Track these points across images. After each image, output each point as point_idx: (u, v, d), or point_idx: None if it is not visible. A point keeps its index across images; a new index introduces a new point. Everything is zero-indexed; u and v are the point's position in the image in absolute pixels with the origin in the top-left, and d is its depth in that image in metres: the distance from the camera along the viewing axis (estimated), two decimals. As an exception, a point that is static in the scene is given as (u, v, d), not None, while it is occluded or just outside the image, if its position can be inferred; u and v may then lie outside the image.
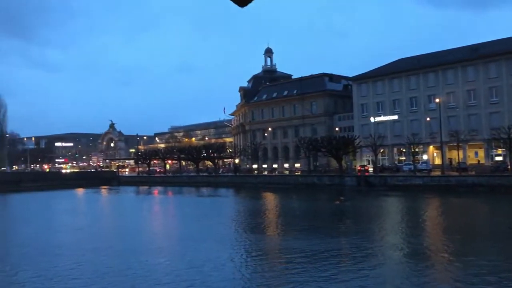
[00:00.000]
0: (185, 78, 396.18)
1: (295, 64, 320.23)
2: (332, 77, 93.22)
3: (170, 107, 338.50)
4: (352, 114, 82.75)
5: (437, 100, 65.16)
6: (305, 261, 20.42)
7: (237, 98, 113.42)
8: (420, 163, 66.36)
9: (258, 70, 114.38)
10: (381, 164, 73.13)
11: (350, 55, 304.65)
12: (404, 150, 73.30)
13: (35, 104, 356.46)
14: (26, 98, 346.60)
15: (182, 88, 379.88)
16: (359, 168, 71.77)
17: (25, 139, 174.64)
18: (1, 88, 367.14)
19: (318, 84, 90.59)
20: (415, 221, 34.03)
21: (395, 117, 76.04)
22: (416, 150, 66.58)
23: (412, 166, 64.27)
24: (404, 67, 76.12)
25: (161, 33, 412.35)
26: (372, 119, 77.87)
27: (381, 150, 73.01)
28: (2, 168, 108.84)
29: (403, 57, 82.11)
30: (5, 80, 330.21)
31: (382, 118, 77.24)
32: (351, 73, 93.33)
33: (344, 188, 60.88)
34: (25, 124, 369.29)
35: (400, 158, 75.88)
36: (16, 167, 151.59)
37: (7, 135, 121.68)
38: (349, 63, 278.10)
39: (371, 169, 70.37)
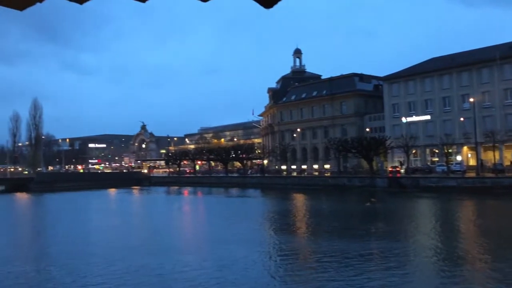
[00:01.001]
0: (214, 79, 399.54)
1: (324, 65, 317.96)
2: (362, 77, 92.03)
3: (199, 108, 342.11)
4: (383, 115, 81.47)
5: (472, 100, 63.34)
6: (334, 263, 20.19)
7: (265, 99, 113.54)
8: (454, 164, 64.67)
9: (286, 71, 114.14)
10: (413, 165, 71.68)
11: (379, 54, 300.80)
12: (437, 151, 71.58)
13: (70, 106, 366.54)
14: (61, 100, 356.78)
15: (211, 90, 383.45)
16: (390, 169, 70.54)
17: (60, 140, 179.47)
18: (37, 91, 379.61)
19: (348, 84, 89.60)
20: (448, 223, 33.17)
21: (428, 117, 74.40)
22: (450, 151, 64.97)
23: (445, 167, 62.74)
24: (437, 66, 74.38)
25: (190, 36, 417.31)
26: (403, 119, 76.42)
27: (413, 151, 71.58)
28: (38, 169, 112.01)
29: (434, 56, 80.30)
30: (41, 83, 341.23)
31: (414, 118, 75.71)
32: (380, 73, 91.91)
33: (375, 190, 59.97)
34: (60, 126, 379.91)
35: (433, 159, 74.17)
36: (51, 168, 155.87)
37: (43, 137, 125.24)
38: (378, 62, 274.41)
39: (402, 170, 69.06)
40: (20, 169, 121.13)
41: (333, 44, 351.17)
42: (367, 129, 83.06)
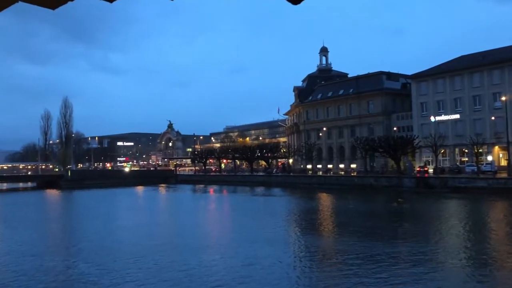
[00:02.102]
0: (240, 78, 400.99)
1: (351, 63, 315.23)
2: (390, 75, 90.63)
3: (225, 107, 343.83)
4: (411, 113, 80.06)
5: (503, 98, 61.52)
6: (361, 264, 19.97)
7: (291, 98, 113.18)
8: (484, 165, 62.96)
9: (313, 69, 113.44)
10: (441, 165, 70.22)
11: (407, 52, 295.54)
12: (466, 150, 69.85)
13: (99, 105, 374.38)
14: (90, 99, 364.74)
15: (237, 89, 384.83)
16: (418, 169, 69.30)
17: (89, 138, 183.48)
18: (68, 90, 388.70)
19: (375, 83, 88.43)
20: (478, 225, 32.35)
21: (457, 116, 72.71)
22: (480, 150, 63.32)
23: (475, 167, 61.20)
24: (466, 64, 72.56)
25: (216, 35, 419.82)
26: (432, 118, 74.88)
27: (442, 151, 70.11)
28: (68, 166, 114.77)
29: (463, 54, 78.33)
30: (71, 83, 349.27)
31: (443, 117, 74.13)
32: (408, 71, 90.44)
33: (402, 190, 59.02)
34: (89, 125, 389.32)
35: (462, 159, 72.44)
36: (81, 165, 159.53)
37: (73, 135, 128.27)
38: (406, 61, 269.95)
39: (431, 170, 67.73)
40: (51, 166, 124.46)
41: (360, 42, 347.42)
42: (395, 128, 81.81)
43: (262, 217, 38.29)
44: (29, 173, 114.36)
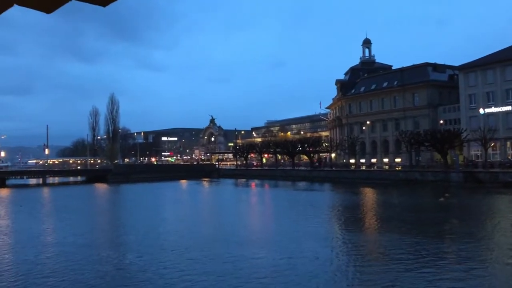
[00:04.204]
0: (281, 72, 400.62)
1: (395, 55, 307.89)
2: (436, 67, 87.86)
3: (266, 102, 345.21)
4: (458, 106, 77.38)
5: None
6: (405, 261, 19.58)
7: (333, 92, 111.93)
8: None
9: (355, 62, 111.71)
10: (491, 159, 67.52)
11: (453, 43, 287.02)
12: (519, 144, 66.90)
13: (144, 101, 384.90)
14: (136, 96, 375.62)
15: (277, 83, 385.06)
16: (466, 163, 66.98)
17: (135, 134, 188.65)
18: (114, 87, 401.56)
19: (420, 75, 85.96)
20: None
21: (508, 108, 69.61)
22: (534, 144, 60.44)
23: (528, 161, 58.49)
24: (519, 53, 69.29)
25: (256, 31, 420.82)
26: (481, 111, 72.02)
27: (492, 144, 67.39)
28: (115, 161, 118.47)
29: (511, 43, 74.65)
30: (118, 80, 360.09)
31: (493, 109, 71.17)
32: (455, 62, 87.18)
33: (450, 185, 57.29)
34: (135, 120, 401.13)
35: (515, 153, 69.41)
36: (127, 160, 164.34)
37: (120, 130, 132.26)
38: (452, 51, 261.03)
39: (480, 165, 65.25)
40: (99, 161, 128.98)
41: (404, 34, 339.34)
42: (441, 121, 79.33)
43: (304, 212, 38.23)
44: (79, 167, 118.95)
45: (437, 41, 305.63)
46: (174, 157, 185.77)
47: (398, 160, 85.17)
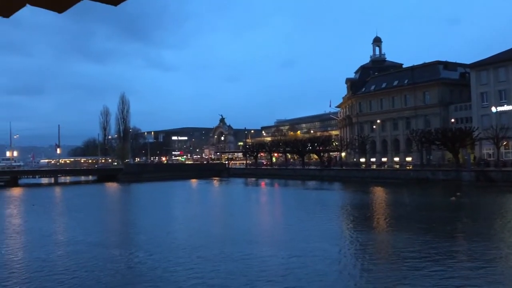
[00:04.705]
0: (290, 72, 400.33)
1: (405, 53, 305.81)
2: (447, 65, 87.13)
3: (276, 101, 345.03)
4: (470, 104, 76.69)
5: None
6: (416, 261, 19.48)
7: (343, 90, 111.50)
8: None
9: (365, 60, 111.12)
10: (503, 158, 66.79)
11: (463, 42, 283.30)
12: (532, 142, 66.09)
13: (154, 101, 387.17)
14: (146, 95, 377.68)
15: (287, 82, 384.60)
16: (478, 162, 66.32)
17: (145, 133, 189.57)
18: (124, 87, 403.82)
19: (431, 73, 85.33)
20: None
21: (521, 106, 68.82)
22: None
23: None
24: (532, 50, 68.44)
25: (265, 29, 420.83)
26: (493, 109, 71.24)
27: (504, 143, 66.67)
28: (126, 160, 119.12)
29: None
30: (128, 79, 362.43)
31: (506, 107, 70.38)
32: (465, 60, 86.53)
33: (461, 184, 56.80)
34: (145, 119, 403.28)
35: (527, 152, 68.57)
36: (138, 159, 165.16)
37: (130, 130, 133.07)
38: (464, 50, 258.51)
39: (492, 163, 64.57)
40: (110, 160, 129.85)
41: (415, 32, 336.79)
42: (452, 120, 78.67)
43: (314, 211, 38.18)
44: (90, 167, 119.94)
45: (448, 39, 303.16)
46: (184, 157, 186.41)
47: (408, 159, 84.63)
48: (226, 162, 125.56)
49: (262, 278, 17.23)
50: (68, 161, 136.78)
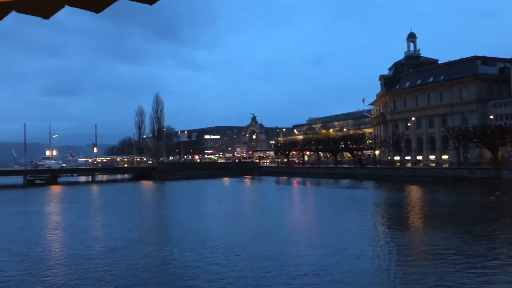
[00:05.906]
0: (322, 69, 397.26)
1: (441, 49, 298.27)
2: (485, 60, 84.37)
3: (307, 99, 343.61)
4: (510, 100, 74.05)
5: None
6: (451, 261, 18.98)
7: (377, 88, 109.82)
8: None
9: (400, 56, 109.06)
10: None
11: (500, 35, 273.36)
12: None
13: (187, 100, 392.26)
14: (179, 95, 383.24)
15: (319, 80, 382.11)
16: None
17: (179, 132, 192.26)
18: (159, 87, 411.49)
19: (468, 68, 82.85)
20: None
21: None
22: None
23: None
24: None
25: (295, 27, 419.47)
26: (535, 105, 68.62)
27: (547, 140, 64.06)
28: (160, 159, 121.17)
29: None
30: (162, 79, 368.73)
31: (549, 103, 67.64)
32: (504, 55, 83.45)
33: (501, 183, 54.94)
34: (179, 119, 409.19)
35: None
36: (172, 158, 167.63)
37: (164, 129, 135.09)
38: (502, 44, 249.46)
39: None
40: (145, 159, 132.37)
41: (449, 26, 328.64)
42: (491, 117, 76.16)
43: (348, 210, 37.78)
44: (125, 165, 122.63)
45: (485, 34, 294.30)
46: (217, 155, 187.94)
47: (445, 157, 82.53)
48: (257, 160, 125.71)
49: (296, 276, 17.17)
50: (104, 160, 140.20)
